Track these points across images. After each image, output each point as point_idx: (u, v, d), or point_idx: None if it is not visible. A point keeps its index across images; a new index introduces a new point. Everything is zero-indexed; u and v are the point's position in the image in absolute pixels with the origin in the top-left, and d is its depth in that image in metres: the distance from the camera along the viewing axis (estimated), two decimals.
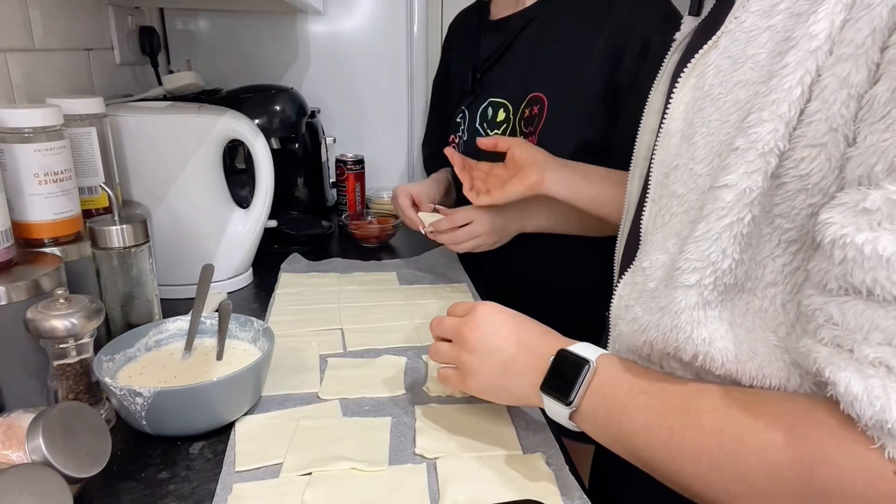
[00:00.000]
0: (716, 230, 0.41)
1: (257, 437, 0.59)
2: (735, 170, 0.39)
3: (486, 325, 0.57)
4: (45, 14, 0.91)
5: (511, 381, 0.55)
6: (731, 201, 0.40)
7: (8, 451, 0.46)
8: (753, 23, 0.42)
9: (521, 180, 0.83)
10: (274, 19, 1.53)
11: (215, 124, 0.89)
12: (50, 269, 0.60)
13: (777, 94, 0.38)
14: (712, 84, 0.44)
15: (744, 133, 0.39)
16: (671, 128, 0.48)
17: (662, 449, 0.44)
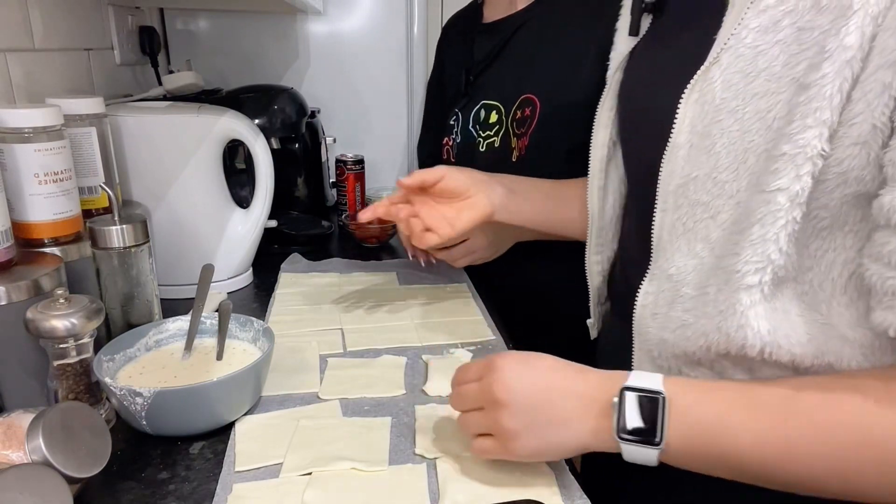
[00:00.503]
0: (773, 232, 0.43)
1: (257, 437, 0.59)
2: (786, 174, 0.42)
3: (516, 381, 0.51)
4: (45, 14, 0.91)
5: (563, 435, 0.50)
6: (785, 204, 0.43)
7: (8, 451, 0.46)
8: (757, 38, 0.45)
9: (472, 208, 0.74)
10: (274, 19, 1.53)
11: (215, 124, 0.89)
12: (50, 269, 0.60)
13: (818, 101, 0.41)
14: (724, 97, 0.47)
15: (789, 139, 0.42)
16: (678, 141, 0.50)
17: (783, 459, 0.44)
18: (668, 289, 0.52)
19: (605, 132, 0.68)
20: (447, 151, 1.11)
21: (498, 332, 0.83)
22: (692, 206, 0.50)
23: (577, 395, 0.50)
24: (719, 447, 0.45)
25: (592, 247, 0.73)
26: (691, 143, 0.49)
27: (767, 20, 0.45)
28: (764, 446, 0.44)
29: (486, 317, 0.88)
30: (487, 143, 1.02)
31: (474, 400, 0.53)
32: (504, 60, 1.01)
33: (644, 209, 0.56)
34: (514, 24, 0.99)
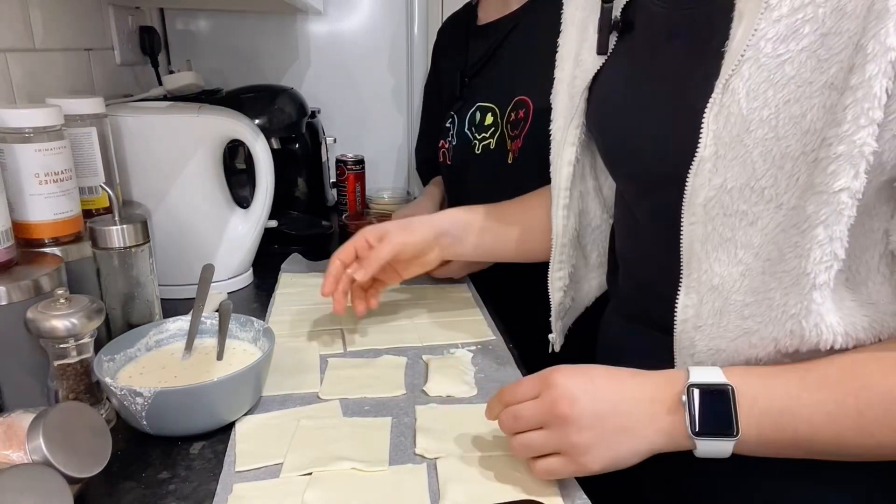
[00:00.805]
0: (838, 230, 0.44)
1: (257, 437, 0.59)
2: (845, 174, 0.43)
3: (581, 394, 0.50)
4: (45, 14, 0.91)
5: (634, 441, 0.50)
6: (848, 202, 0.44)
7: (8, 451, 0.46)
8: (777, 47, 0.46)
9: (422, 266, 0.82)
10: (274, 19, 1.53)
11: (215, 124, 0.89)
12: (50, 269, 0.60)
13: (868, 101, 0.42)
14: (752, 108, 0.47)
15: (843, 140, 0.43)
16: (705, 155, 0.50)
17: (856, 433, 0.46)
18: (714, 299, 0.52)
19: (570, 150, 0.69)
20: (443, 154, 1.11)
21: (498, 333, 0.83)
22: (728, 216, 0.50)
23: (643, 399, 0.50)
24: (793, 430, 0.47)
25: (555, 263, 0.75)
26: (718, 154, 0.49)
27: (785, 29, 0.45)
28: (836, 423, 0.46)
29: (487, 317, 0.88)
30: (483, 145, 1.02)
31: (534, 419, 0.51)
32: (498, 62, 1.01)
33: (665, 221, 0.56)
34: (508, 25, 0.99)
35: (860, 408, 0.45)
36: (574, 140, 0.68)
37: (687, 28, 0.53)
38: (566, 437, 0.49)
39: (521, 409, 0.52)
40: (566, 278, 0.76)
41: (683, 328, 0.54)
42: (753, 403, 0.48)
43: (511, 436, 0.52)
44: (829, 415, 0.46)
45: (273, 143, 1.17)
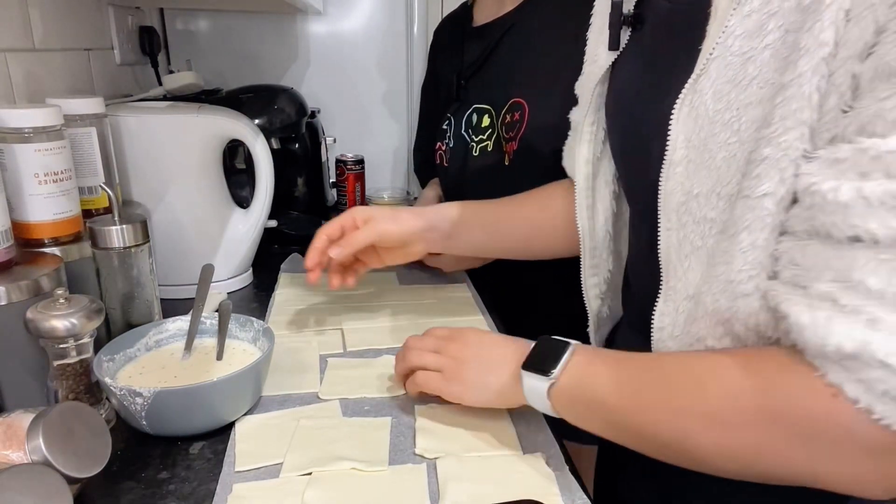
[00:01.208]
0: (763, 237, 0.43)
1: (257, 437, 0.59)
2: (769, 178, 0.41)
3: (473, 338, 0.63)
4: (45, 14, 0.91)
5: (490, 375, 0.59)
6: (773, 209, 0.42)
7: (8, 451, 0.46)
8: (744, 45, 0.43)
9: (406, 256, 0.80)
10: (274, 19, 1.53)
11: (215, 124, 0.89)
12: (50, 269, 0.60)
13: (798, 101, 0.40)
14: (717, 109, 0.45)
15: (770, 142, 0.41)
16: (675, 157, 0.49)
17: (631, 403, 0.48)
18: (687, 309, 0.51)
19: (588, 148, 0.68)
20: (440, 156, 1.11)
21: (498, 332, 0.83)
22: (698, 223, 0.49)
23: (512, 350, 0.58)
24: (592, 393, 0.51)
25: (587, 269, 0.73)
26: (689, 158, 0.48)
27: (753, 25, 0.43)
28: (620, 390, 0.49)
29: (487, 317, 0.88)
30: (480, 147, 1.02)
31: (433, 345, 0.63)
32: (493, 64, 1.01)
33: (648, 227, 0.55)
34: (503, 26, 0.99)
35: (642, 381, 0.48)
36: (589, 137, 0.67)
37: (684, 24, 0.51)
38: (447, 362, 0.61)
39: (427, 337, 0.65)
40: (602, 284, 0.73)
41: (660, 336, 0.54)
42: (577, 364, 0.53)
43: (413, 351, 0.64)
44: (618, 383, 0.50)
45: (273, 143, 1.17)
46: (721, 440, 0.43)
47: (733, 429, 0.43)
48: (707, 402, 0.44)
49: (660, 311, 0.54)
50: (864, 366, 0.36)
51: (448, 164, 1.09)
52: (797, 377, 0.40)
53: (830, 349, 0.37)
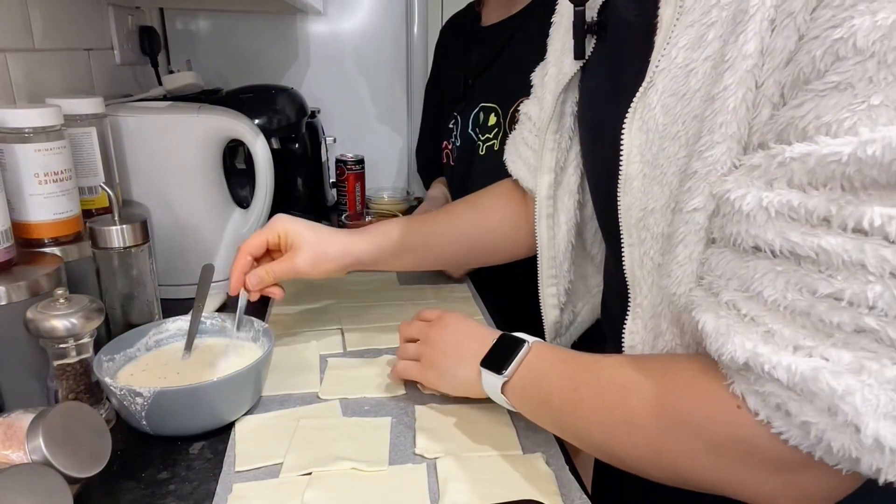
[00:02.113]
0: (697, 250, 0.43)
1: (257, 437, 0.59)
2: (700, 193, 0.41)
3: (451, 326, 0.63)
4: (45, 14, 0.91)
5: (460, 367, 0.60)
6: (703, 223, 0.42)
7: (8, 451, 0.46)
8: (687, 56, 0.42)
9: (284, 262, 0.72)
10: (274, 19, 1.53)
11: (215, 124, 0.89)
12: (50, 269, 0.60)
13: (723, 115, 0.39)
14: (665, 123, 0.45)
15: (699, 157, 0.41)
16: (630, 171, 0.48)
17: (569, 404, 0.49)
18: (655, 326, 0.50)
19: (551, 156, 0.67)
20: (447, 155, 1.11)
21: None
22: (656, 239, 0.48)
23: (480, 341, 0.59)
24: (538, 390, 0.53)
25: (545, 278, 0.72)
26: (644, 173, 0.47)
27: (694, 36, 0.42)
28: (561, 392, 0.50)
29: (487, 317, 0.88)
30: (487, 146, 1.02)
31: (417, 332, 0.66)
32: (502, 63, 1.01)
33: (613, 242, 0.55)
34: (512, 27, 0.99)
35: (578, 384, 0.49)
36: (553, 146, 0.66)
37: (637, 34, 0.50)
38: (424, 350, 0.64)
39: (413, 323, 0.67)
40: (562, 295, 0.73)
41: (631, 353, 0.53)
42: (530, 361, 0.54)
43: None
44: (560, 384, 0.50)
45: (273, 143, 1.17)
46: (640, 445, 0.44)
47: (649, 435, 0.43)
48: (628, 408, 0.44)
49: (629, 329, 0.53)
50: (758, 378, 0.36)
51: (455, 163, 1.09)
52: (706, 385, 0.40)
53: (725, 359, 0.37)
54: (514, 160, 0.77)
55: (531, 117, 0.75)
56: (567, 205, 0.69)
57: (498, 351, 0.57)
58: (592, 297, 0.76)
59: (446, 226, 0.81)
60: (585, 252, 0.73)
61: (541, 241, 0.71)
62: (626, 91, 0.49)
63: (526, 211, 0.76)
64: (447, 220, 0.81)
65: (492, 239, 0.81)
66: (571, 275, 0.72)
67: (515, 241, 0.79)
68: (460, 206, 0.83)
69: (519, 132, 0.78)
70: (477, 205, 0.82)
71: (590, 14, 0.57)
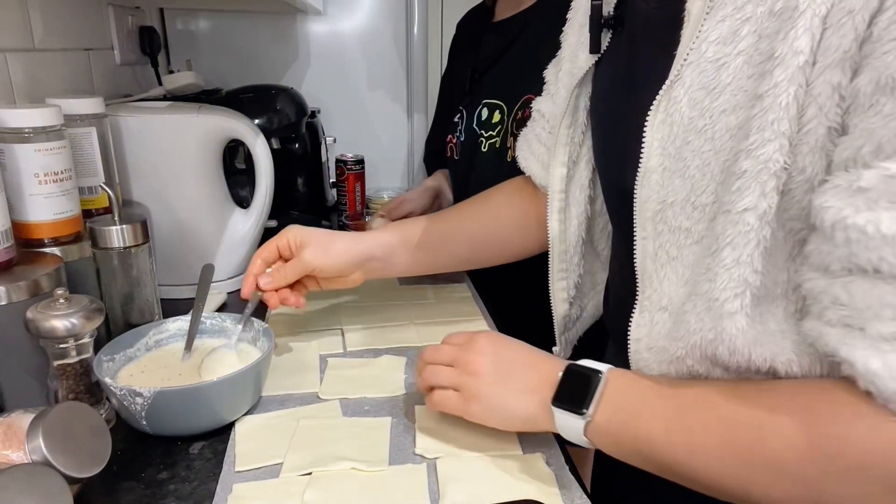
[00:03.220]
0: (746, 253, 0.41)
1: (257, 437, 0.59)
2: (750, 193, 0.40)
3: (490, 349, 0.57)
4: (45, 14, 0.91)
5: (517, 403, 0.54)
6: (755, 224, 0.40)
7: (8, 451, 0.46)
8: (718, 51, 0.42)
9: (340, 284, 0.75)
10: (274, 19, 1.53)
11: (215, 124, 0.89)
12: (50, 269, 0.60)
13: (774, 112, 0.38)
14: (691, 117, 0.44)
15: (749, 155, 0.40)
16: (650, 165, 0.48)
17: (684, 449, 0.45)
18: (664, 321, 0.50)
19: (564, 150, 0.67)
20: (451, 149, 1.11)
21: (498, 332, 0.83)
22: (673, 232, 0.47)
23: (537, 368, 0.55)
24: (634, 431, 0.47)
25: (555, 272, 0.72)
26: (664, 166, 0.47)
27: (727, 30, 0.42)
28: (669, 435, 0.45)
29: (487, 317, 0.88)
30: (490, 142, 1.02)
31: (449, 357, 0.58)
32: (509, 59, 1.00)
33: (625, 235, 0.54)
34: (521, 22, 0.98)
35: (693, 426, 0.44)
36: (566, 140, 0.66)
37: (660, 28, 0.50)
38: (463, 378, 0.56)
39: (442, 347, 0.60)
40: (571, 289, 0.72)
41: (637, 348, 0.52)
42: (613, 394, 0.49)
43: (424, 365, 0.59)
44: (666, 425, 0.45)
45: (273, 143, 1.17)
46: (792, 490, 0.40)
47: (805, 481, 0.39)
48: (769, 452, 0.40)
49: (636, 322, 0.52)
50: None
51: (458, 158, 1.09)
52: (874, 423, 0.37)
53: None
54: (527, 157, 0.77)
55: (544, 114, 0.75)
56: (579, 199, 0.68)
57: (570, 385, 0.51)
58: (597, 294, 0.75)
59: (458, 223, 0.81)
60: (592, 247, 0.73)
61: (552, 235, 0.70)
62: (646, 84, 0.49)
63: (536, 208, 0.76)
64: (458, 218, 0.82)
65: (503, 235, 0.80)
66: (581, 269, 0.72)
67: (526, 237, 0.79)
68: (470, 204, 0.83)
69: (531, 129, 0.78)
70: (487, 202, 0.82)
71: (606, 9, 0.57)
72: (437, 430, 0.60)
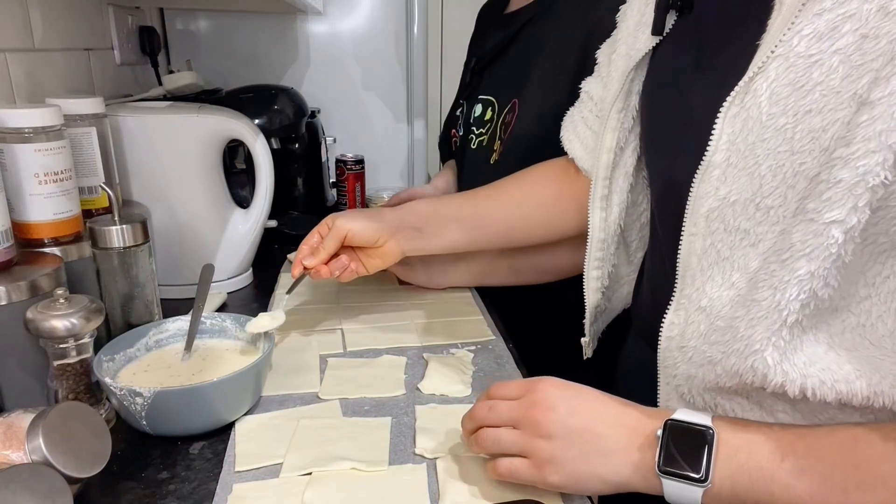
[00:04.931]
0: (824, 267, 0.39)
1: (257, 437, 0.59)
2: (841, 205, 0.37)
3: (560, 404, 0.49)
4: (45, 14, 0.91)
5: (603, 467, 0.47)
6: (839, 238, 0.38)
7: (8, 451, 0.46)
8: (811, 46, 0.39)
9: (382, 256, 0.75)
10: (274, 19, 1.53)
11: (215, 124, 0.89)
12: (50, 269, 0.60)
13: (885, 122, 0.35)
14: (771, 113, 0.41)
15: (846, 165, 0.37)
16: (714, 159, 0.45)
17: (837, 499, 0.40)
18: (699, 321, 0.47)
19: (612, 136, 0.63)
20: (454, 143, 1.11)
21: (498, 333, 0.83)
22: (729, 232, 0.45)
23: (621, 427, 0.47)
24: (768, 495, 0.42)
25: (591, 261, 0.69)
26: (730, 162, 0.44)
27: (824, 25, 0.38)
28: (816, 498, 0.40)
29: (487, 317, 0.88)
30: (479, 140, 0.99)
31: (508, 416, 0.50)
32: (508, 56, 0.97)
33: (670, 229, 0.52)
34: (523, 18, 0.95)
35: (848, 486, 0.40)
36: (615, 125, 0.62)
37: (742, 15, 0.47)
38: (533, 442, 0.48)
39: (499, 403, 0.51)
40: (605, 278, 0.69)
41: (668, 346, 0.51)
42: (733, 454, 0.43)
43: (480, 427, 0.51)
44: (811, 489, 0.41)
45: (273, 143, 1.17)
46: None
47: None
48: None
49: (669, 320, 0.50)
50: None
51: (456, 152, 1.09)
52: None
53: None
54: (571, 139, 0.75)
55: (592, 96, 0.73)
56: (622, 186, 0.65)
57: (677, 447, 0.44)
58: (621, 286, 0.73)
59: (495, 198, 0.79)
60: (622, 238, 0.70)
61: (593, 223, 0.67)
62: (718, 74, 0.46)
63: (573, 191, 0.74)
64: (495, 193, 0.79)
65: (540, 215, 0.78)
66: (616, 258, 0.69)
67: (562, 219, 0.77)
68: (508, 181, 0.81)
69: (578, 110, 0.75)
70: (527, 179, 0.80)
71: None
72: (437, 430, 0.60)
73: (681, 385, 0.52)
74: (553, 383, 0.51)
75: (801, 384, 0.42)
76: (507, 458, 0.50)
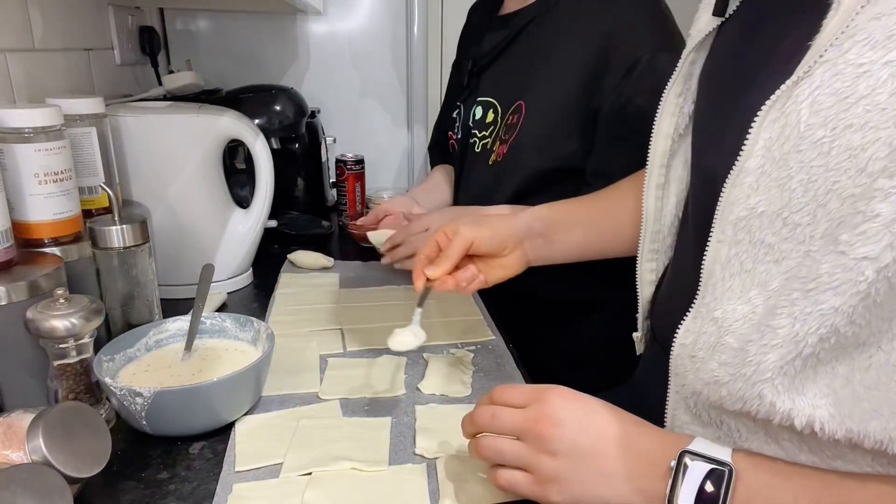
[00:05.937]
0: (850, 304, 0.36)
1: (257, 437, 0.59)
2: (876, 241, 0.34)
3: (569, 420, 0.46)
4: (45, 14, 0.91)
5: (609, 490, 0.45)
6: (870, 276, 0.35)
7: (8, 451, 0.46)
8: (862, 54, 0.35)
9: (504, 268, 0.71)
10: (274, 19, 1.53)
11: (215, 124, 0.89)
12: (50, 269, 0.60)
13: None
14: (810, 124, 0.38)
15: (888, 198, 0.34)
16: (748, 166, 0.42)
17: None
18: (711, 332, 0.45)
19: (670, 121, 0.59)
20: (451, 146, 1.10)
21: (498, 333, 0.83)
22: (754, 244, 0.42)
23: (633, 451, 0.45)
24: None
25: (645, 252, 0.65)
26: (763, 170, 0.41)
27: (880, 32, 0.34)
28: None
29: (487, 317, 0.88)
30: (483, 143, 0.99)
31: (513, 427, 0.48)
32: (508, 57, 0.97)
33: (698, 233, 0.49)
34: (523, 19, 0.94)
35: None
36: (673, 109, 0.58)
37: (799, 8, 0.43)
38: (536, 457, 0.46)
39: (503, 412, 0.49)
40: (659, 271, 0.65)
41: (680, 353, 0.48)
42: (751, 496, 0.41)
43: (481, 434, 0.50)
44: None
45: (273, 143, 1.17)
46: None
47: None
48: None
49: (685, 327, 0.48)
50: None
51: (454, 155, 1.08)
52: None
53: None
54: None
55: None
56: (681, 175, 0.60)
57: (687, 481, 0.42)
58: None
59: (620, 198, 0.74)
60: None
61: (647, 212, 0.62)
62: (764, 70, 0.43)
63: None
64: (621, 193, 0.75)
65: None
66: (672, 251, 0.64)
67: None
68: (626, 183, 0.76)
69: None
70: (639, 178, 0.74)
71: None
72: (437, 430, 0.60)
73: (688, 398, 0.50)
74: (562, 394, 0.48)
75: (808, 415, 0.40)
76: (509, 470, 0.48)
